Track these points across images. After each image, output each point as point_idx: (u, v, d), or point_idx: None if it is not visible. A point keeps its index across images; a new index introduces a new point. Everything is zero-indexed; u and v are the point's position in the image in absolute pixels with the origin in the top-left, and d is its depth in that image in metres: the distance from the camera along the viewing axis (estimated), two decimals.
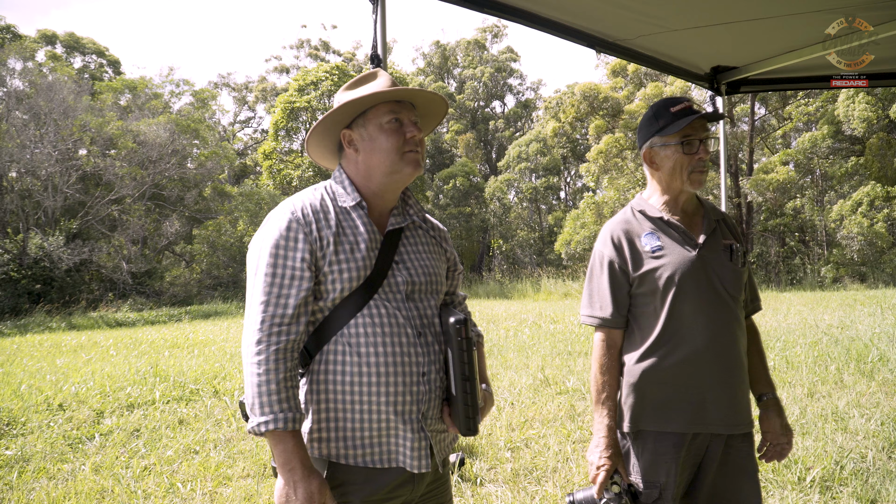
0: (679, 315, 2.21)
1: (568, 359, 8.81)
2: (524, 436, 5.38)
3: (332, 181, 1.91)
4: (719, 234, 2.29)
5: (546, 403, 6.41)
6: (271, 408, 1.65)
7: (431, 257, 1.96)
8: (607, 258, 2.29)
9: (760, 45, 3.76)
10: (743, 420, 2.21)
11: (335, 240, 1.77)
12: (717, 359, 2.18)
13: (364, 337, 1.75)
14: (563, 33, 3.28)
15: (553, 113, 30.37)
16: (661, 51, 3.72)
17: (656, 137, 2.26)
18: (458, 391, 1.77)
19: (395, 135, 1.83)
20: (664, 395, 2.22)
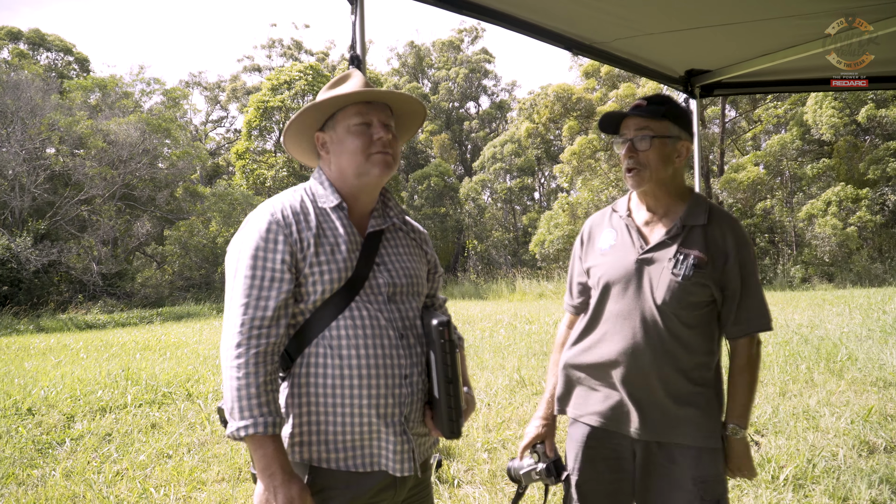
0: (601, 316, 2.25)
1: (544, 359, 8.83)
2: (501, 437, 5.38)
3: (312, 182, 1.90)
4: (679, 241, 2.14)
5: (522, 404, 6.43)
6: (251, 412, 1.63)
7: (412, 259, 1.95)
8: (575, 247, 2.42)
9: (733, 49, 3.80)
10: (657, 429, 2.13)
11: (315, 241, 1.76)
12: (629, 369, 2.14)
13: (346, 339, 1.74)
14: (540, 35, 3.29)
15: (527, 114, 30.50)
16: (637, 53, 3.75)
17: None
18: (441, 394, 1.76)
19: (361, 136, 1.82)
20: (581, 385, 2.28)
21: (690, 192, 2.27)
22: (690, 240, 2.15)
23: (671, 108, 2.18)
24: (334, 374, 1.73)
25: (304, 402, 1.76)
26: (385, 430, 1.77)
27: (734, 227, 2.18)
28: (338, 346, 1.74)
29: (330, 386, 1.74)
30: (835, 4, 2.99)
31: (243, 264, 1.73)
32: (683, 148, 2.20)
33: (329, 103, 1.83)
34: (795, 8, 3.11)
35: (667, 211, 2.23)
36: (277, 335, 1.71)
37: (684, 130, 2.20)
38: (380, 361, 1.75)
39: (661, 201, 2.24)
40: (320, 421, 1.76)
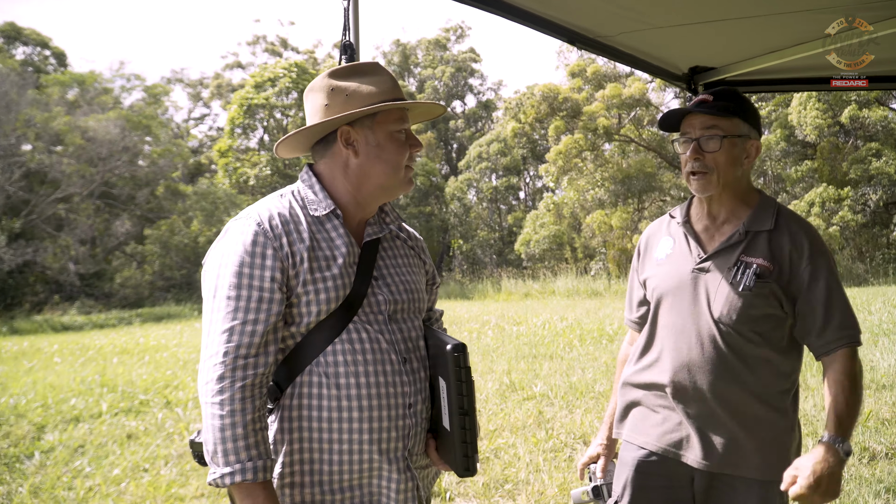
0: (656, 331, 2.06)
1: (533, 362, 8.68)
2: (493, 445, 5.21)
3: (300, 185, 1.67)
4: (740, 250, 1.94)
5: (514, 410, 6.26)
6: (237, 456, 1.41)
7: (412, 271, 1.75)
8: (634, 259, 2.26)
9: (738, 47, 3.64)
10: (720, 459, 1.92)
11: (309, 255, 1.54)
12: (687, 389, 1.94)
13: (343, 366, 1.54)
14: (540, 26, 3.09)
15: (513, 113, 30.37)
16: (642, 49, 3.57)
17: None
18: (454, 427, 1.55)
19: (403, 148, 1.63)
20: (639, 406, 2.11)
21: (758, 194, 2.05)
22: (754, 247, 1.94)
23: (741, 103, 1.96)
24: (331, 405, 1.53)
25: (296, 438, 1.55)
26: (387, 467, 1.57)
27: (806, 232, 1.95)
28: (335, 373, 1.54)
29: (326, 419, 1.54)
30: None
31: (225, 283, 1.50)
32: (753, 147, 1.99)
33: (388, 104, 1.59)
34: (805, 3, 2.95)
35: (730, 216, 2.02)
36: (266, 364, 1.49)
37: (754, 128, 1.99)
38: (381, 390, 1.56)
39: (726, 206, 2.02)
40: (314, 459, 1.55)
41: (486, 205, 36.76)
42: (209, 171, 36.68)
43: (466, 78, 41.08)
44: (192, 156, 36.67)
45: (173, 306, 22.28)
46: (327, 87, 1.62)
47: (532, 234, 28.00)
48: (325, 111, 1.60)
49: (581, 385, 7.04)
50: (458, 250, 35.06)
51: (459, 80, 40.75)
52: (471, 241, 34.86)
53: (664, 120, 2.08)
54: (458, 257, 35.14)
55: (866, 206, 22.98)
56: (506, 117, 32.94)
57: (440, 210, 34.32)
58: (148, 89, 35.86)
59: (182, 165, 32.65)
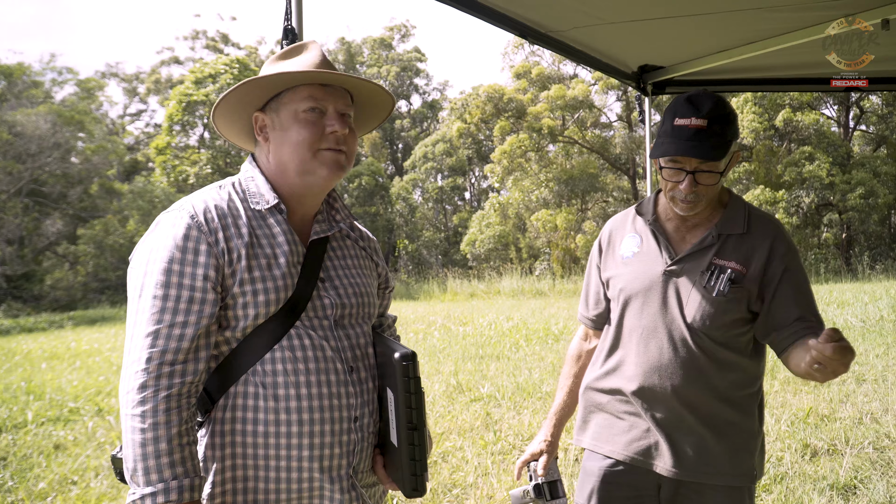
0: (623, 335, 1.98)
1: (480, 363, 8.63)
2: (441, 449, 5.12)
3: (241, 176, 1.54)
4: (713, 253, 1.88)
5: (461, 412, 6.18)
6: (160, 474, 1.26)
7: (362, 273, 1.62)
8: (593, 253, 2.16)
9: (687, 46, 3.64)
10: (691, 467, 1.86)
11: (248, 252, 1.41)
12: (657, 395, 1.88)
13: (283, 375, 1.40)
14: (492, 19, 3.01)
15: (459, 114, 30.43)
16: (592, 45, 3.53)
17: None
18: (402, 442, 1.43)
19: (311, 127, 1.46)
20: (603, 412, 2.02)
21: (728, 195, 1.99)
22: (726, 250, 1.88)
23: (729, 123, 1.83)
24: (268, 418, 1.39)
25: (228, 455, 1.41)
26: (329, 486, 1.44)
27: (776, 230, 1.91)
28: (273, 383, 1.40)
29: (262, 434, 1.40)
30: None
31: (152, 281, 1.36)
32: (736, 157, 1.92)
33: (277, 80, 1.46)
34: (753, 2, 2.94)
35: (701, 217, 1.95)
36: (196, 372, 1.35)
37: (736, 137, 1.89)
38: (325, 402, 1.43)
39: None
40: (248, 477, 1.41)
41: (432, 205, 36.73)
42: (146, 168, 35.68)
43: (412, 77, 40.97)
44: (127, 153, 35.78)
45: (108, 308, 21.49)
46: (262, 73, 1.52)
47: (477, 235, 28.07)
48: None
49: (528, 385, 7.02)
50: (404, 250, 34.92)
51: (405, 79, 40.61)
52: (416, 241, 34.77)
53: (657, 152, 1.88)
54: (404, 257, 35.01)
55: (799, 208, 23.82)
56: (451, 117, 32.97)
57: (385, 210, 34.11)
58: (81, 83, 34.68)
59: (117, 163, 31.73)
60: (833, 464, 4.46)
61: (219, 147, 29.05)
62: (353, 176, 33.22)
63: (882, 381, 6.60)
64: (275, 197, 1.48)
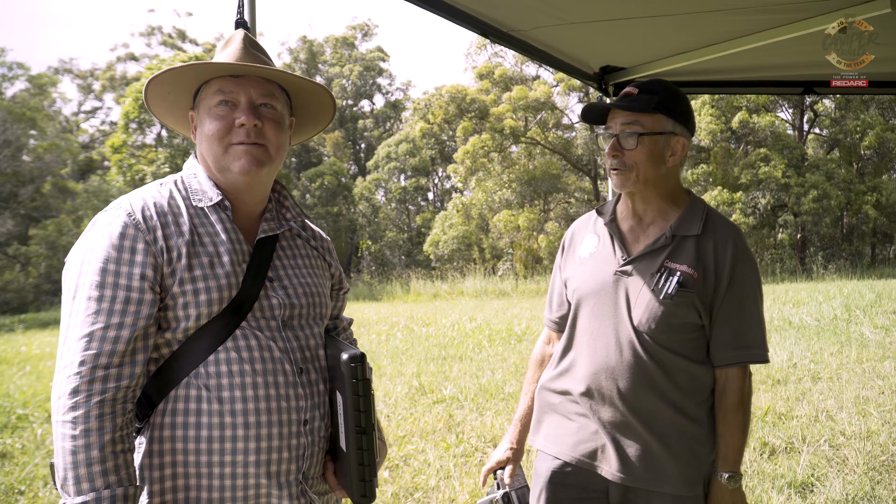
0: (575, 336, 1.96)
1: (443, 364, 8.58)
2: (403, 452, 5.06)
3: (184, 173, 1.50)
4: (665, 255, 1.84)
5: (423, 414, 6.13)
6: (91, 483, 1.20)
7: (313, 273, 1.58)
8: (557, 255, 2.15)
9: (649, 47, 3.65)
10: (637, 473, 1.83)
11: (189, 251, 1.36)
12: (605, 398, 1.86)
13: (228, 377, 1.35)
14: (455, 17, 2.96)
15: (422, 114, 30.36)
16: (554, 45, 3.51)
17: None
18: (350, 447, 1.39)
19: (219, 121, 1.42)
20: (555, 413, 2.00)
21: (688, 195, 1.96)
22: (679, 252, 1.84)
23: (666, 97, 1.85)
24: (212, 422, 1.34)
25: (169, 462, 1.34)
26: (278, 492, 1.38)
27: (734, 239, 1.86)
28: (217, 385, 1.35)
29: (206, 439, 1.34)
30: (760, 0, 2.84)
31: (87, 281, 1.31)
32: (679, 145, 1.88)
33: (176, 75, 1.42)
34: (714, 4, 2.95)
35: (656, 216, 1.92)
36: (132, 375, 1.30)
37: (680, 124, 1.87)
38: (272, 405, 1.38)
39: (652, 205, 1.92)
40: (190, 486, 1.35)
41: (395, 205, 36.60)
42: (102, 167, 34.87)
43: (375, 77, 40.76)
44: (82, 151, 34.99)
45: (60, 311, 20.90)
46: None
47: (441, 235, 28.04)
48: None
49: (491, 387, 6.99)
50: (367, 251, 34.72)
51: (367, 79, 40.39)
52: (379, 241, 34.60)
53: (587, 112, 1.97)
54: (367, 258, 34.80)
55: (756, 209, 24.31)
56: (414, 118, 32.90)
57: (348, 210, 33.87)
58: (33, 79, 33.66)
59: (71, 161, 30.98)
60: (791, 462, 4.52)
61: (177, 146, 28.51)
62: (315, 176, 32.92)
63: (836, 379, 6.74)
64: (218, 194, 1.43)
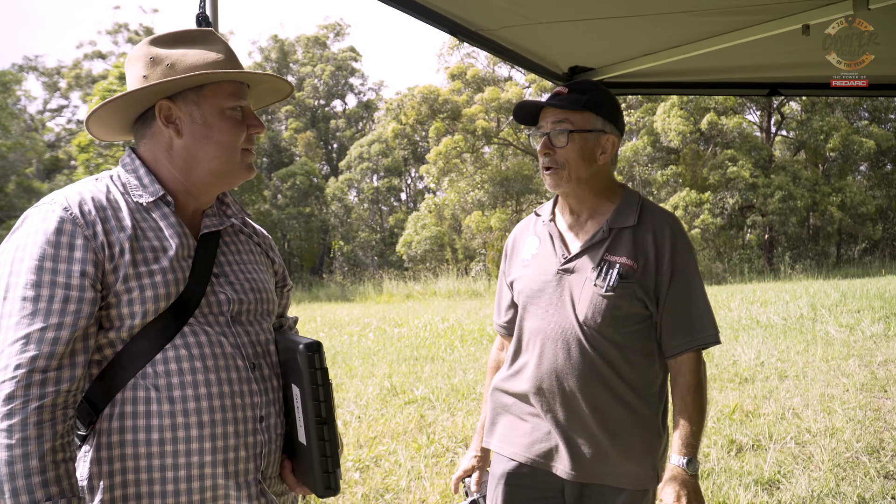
0: (523, 337, 1.97)
1: (415, 365, 8.57)
2: (374, 453, 5.03)
3: (120, 169, 1.42)
4: (605, 248, 1.87)
5: (395, 415, 6.11)
6: (31, 495, 1.14)
7: (258, 269, 1.53)
8: (502, 261, 2.16)
9: (617, 48, 3.67)
10: (590, 469, 1.85)
11: (132, 246, 1.30)
12: (554, 396, 1.87)
13: (178, 376, 1.29)
14: (423, 16, 2.95)
15: (394, 114, 30.31)
16: (523, 45, 3.51)
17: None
18: (311, 439, 1.35)
19: (237, 127, 1.40)
20: (508, 415, 2.02)
21: (623, 189, 1.99)
22: (618, 245, 1.87)
23: (595, 96, 1.89)
24: (163, 423, 1.27)
25: (118, 470, 1.28)
26: (236, 493, 1.34)
27: (670, 226, 1.89)
28: (167, 385, 1.28)
29: (157, 441, 1.27)
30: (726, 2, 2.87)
31: (20, 280, 1.22)
32: (609, 143, 1.91)
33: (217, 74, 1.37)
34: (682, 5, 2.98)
35: (593, 213, 1.95)
36: (73, 378, 1.22)
37: (610, 122, 1.91)
38: (227, 402, 1.33)
39: (586, 203, 1.95)
40: (142, 493, 1.28)
41: (368, 206, 36.49)
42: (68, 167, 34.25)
43: (347, 77, 40.60)
44: (48, 150, 34.37)
45: None
46: (146, 56, 1.39)
47: (413, 236, 28.01)
48: (142, 83, 1.37)
49: (463, 387, 6.99)
50: (339, 251, 34.56)
51: (340, 79, 40.20)
52: (352, 242, 34.47)
53: (518, 111, 1.99)
54: (339, 259, 34.64)
55: (724, 209, 24.67)
56: (387, 118, 32.83)
57: (320, 211, 33.69)
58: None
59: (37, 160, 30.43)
60: (757, 459, 4.58)
61: None
62: (286, 176, 32.68)
63: (803, 377, 6.86)
64: (159, 189, 1.37)
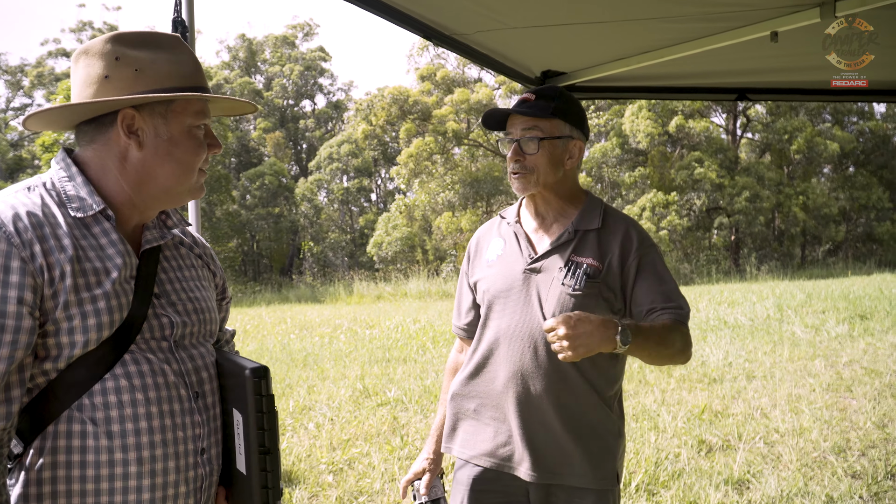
0: (487, 336, 1.98)
1: (387, 366, 8.54)
2: (347, 456, 5.01)
3: (54, 176, 1.28)
4: (570, 249, 1.90)
5: (368, 417, 6.08)
6: None
7: (201, 286, 1.43)
8: (463, 264, 2.15)
9: (589, 52, 3.70)
10: (552, 469, 1.87)
11: (73, 269, 1.18)
12: (519, 398, 1.88)
13: (118, 408, 1.20)
14: (396, 20, 2.95)
15: (364, 115, 30.20)
16: (497, 49, 3.53)
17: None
18: (252, 469, 1.27)
19: (200, 147, 1.32)
20: (468, 419, 2.01)
21: (586, 194, 2.03)
22: (583, 246, 1.91)
23: (562, 103, 1.92)
24: (100, 459, 1.18)
25: None
26: None
27: (634, 228, 1.95)
28: (105, 418, 1.19)
29: (93, 478, 1.18)
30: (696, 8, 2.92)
31: None
32: (576, 148, 1.95)
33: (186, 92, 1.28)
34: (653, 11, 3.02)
35: (558, 216, 1.99)
36: (8, 416, 1.14)
37: (577, 128, 1.95)
38: (168, 436, 1.24)
39: (552, 205, 1.99)
40: None
41: (338, 206, 36.31)
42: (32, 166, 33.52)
43: (316, 77, 40.35)
44: (11, 150, 33.62)
45: None
46: (110, 55, 1.26)
47: (384, 237, 27.94)
48: (105, 85, 1.25)
49: (435, 388, 6.99)
50: (309, 252, 34.32)
51: (309, 79, 39.95)
52: (322, 243, 34.26)
53: (487, 118, 2.02)
54: (309, 260, 34.40)
55: (691, 210, 25.04)
56: (357, 118, 32.70)
57: (290, 211, 33.43)
58: None
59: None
60: (727, 459, 4.65)
61: None
62: (255, 176, 32.36)
63: (770, 378, 6.98)
64: (100, 202, 1.25)
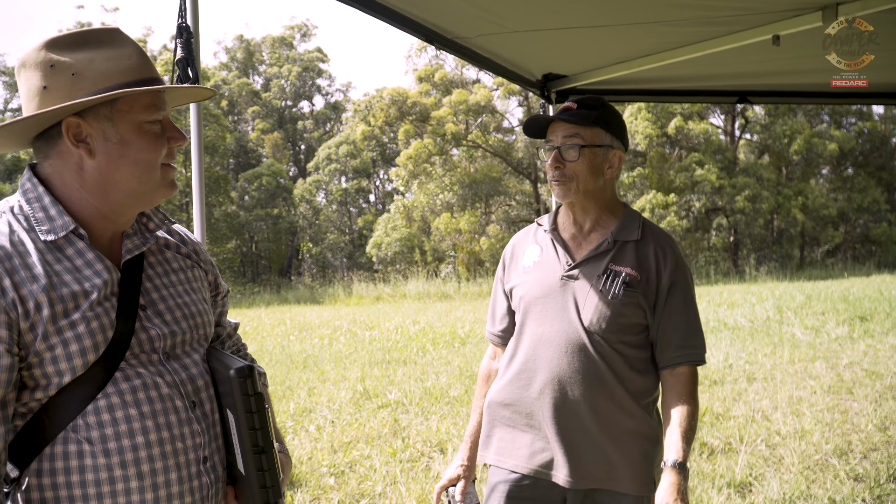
0: (524, 342, 1.99)
1: (387, 368, 8.54)
2: (349, 458, 5.01)
3: (21, 198, 1.23)
4: (609, 258, 1.92)
5: (369, 419, 6.08)
6: None
7: (190, 289, 1.38)
8: (498, 270, 2.17)
9: (590, 56, 3.72)
10: (591, 475, 1.88)
11: (49, 298, 1.14)
12: (557, 403, 1.89)
13: (112, 426, 1.17)
14: (399, 23, 2.96)
15: (363, 116, 30.22)
16: (498, 53, 3.54)
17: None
18: (249, 469, 1.26)
19: (157, 142, 1.24)
20: (505, 426, 2.02)
21: (623, 206, 2.06)
22: (622, 256, 1.94)
23: (604, 113, 1.94)
24: (99, 478, 1.15)
25: None
26: None
27: (670, 246, 1.98)
28: (101, 437, 1.16)
29: (95, 496, 1.15)
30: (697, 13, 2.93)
31: None
32: (616, 158, 1.97)
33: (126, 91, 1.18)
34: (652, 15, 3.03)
35: (595, 225, 2.01)
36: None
37: (617, 138, 1.97)
38: (168, 448, 1.21)
39: (591, 214, 2.01)
40: None
41: (336, 207, 36.31)
42: None
43: (314, 78, 40.36)
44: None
45: None
46: (45, 64, 1.18)
47: (383, 237, 27.95)
48: (45, 96, 1.18)
49: (436, 390, 6.99)
50: (308, 253, 34.32)
51: (307, 79, 39.95)
52: (320, 244, 34.26)
53: (528, 125, 2.05)
54: (308, 261, 34.41)
55: (690, 211, 25.06)
56: (355, 119, 32.71)
57: (288, 212, 33.43)
58: None
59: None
60: (729, 462, 4.64)
61: None
62: (253, 177, 32.35)
63: (770, 380, 6.98)
64: (70, 221, 1.19)
